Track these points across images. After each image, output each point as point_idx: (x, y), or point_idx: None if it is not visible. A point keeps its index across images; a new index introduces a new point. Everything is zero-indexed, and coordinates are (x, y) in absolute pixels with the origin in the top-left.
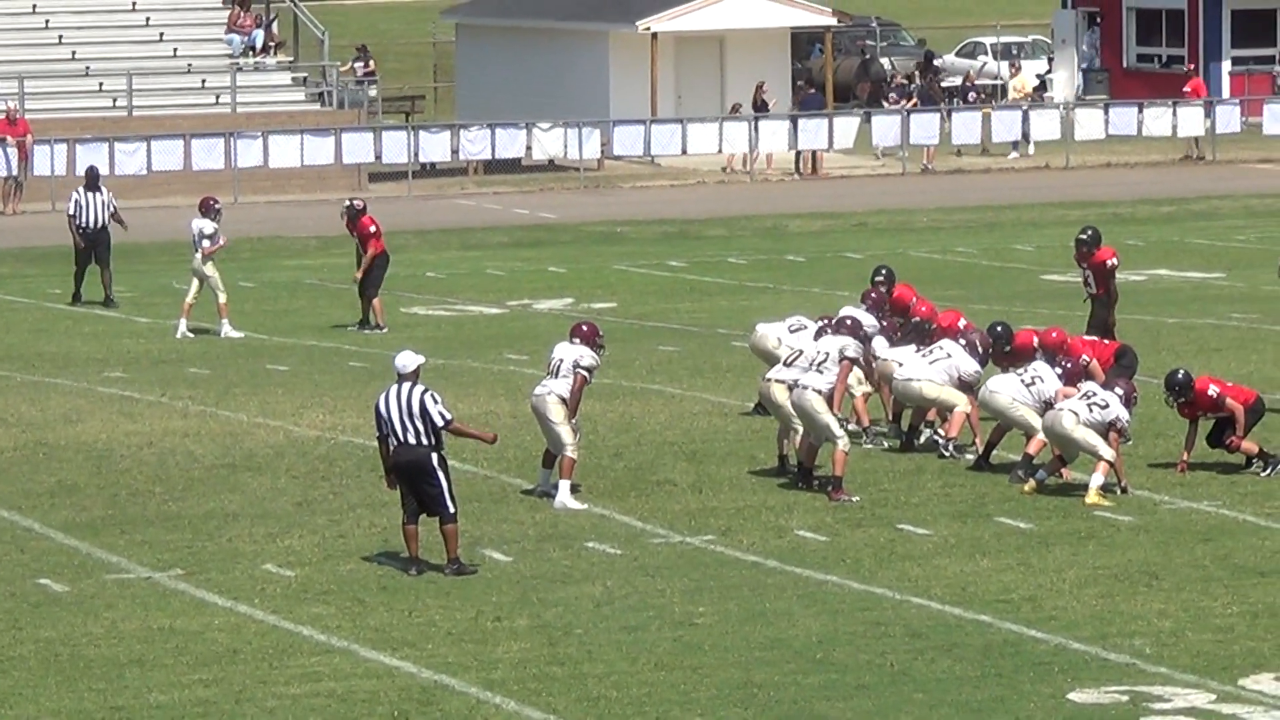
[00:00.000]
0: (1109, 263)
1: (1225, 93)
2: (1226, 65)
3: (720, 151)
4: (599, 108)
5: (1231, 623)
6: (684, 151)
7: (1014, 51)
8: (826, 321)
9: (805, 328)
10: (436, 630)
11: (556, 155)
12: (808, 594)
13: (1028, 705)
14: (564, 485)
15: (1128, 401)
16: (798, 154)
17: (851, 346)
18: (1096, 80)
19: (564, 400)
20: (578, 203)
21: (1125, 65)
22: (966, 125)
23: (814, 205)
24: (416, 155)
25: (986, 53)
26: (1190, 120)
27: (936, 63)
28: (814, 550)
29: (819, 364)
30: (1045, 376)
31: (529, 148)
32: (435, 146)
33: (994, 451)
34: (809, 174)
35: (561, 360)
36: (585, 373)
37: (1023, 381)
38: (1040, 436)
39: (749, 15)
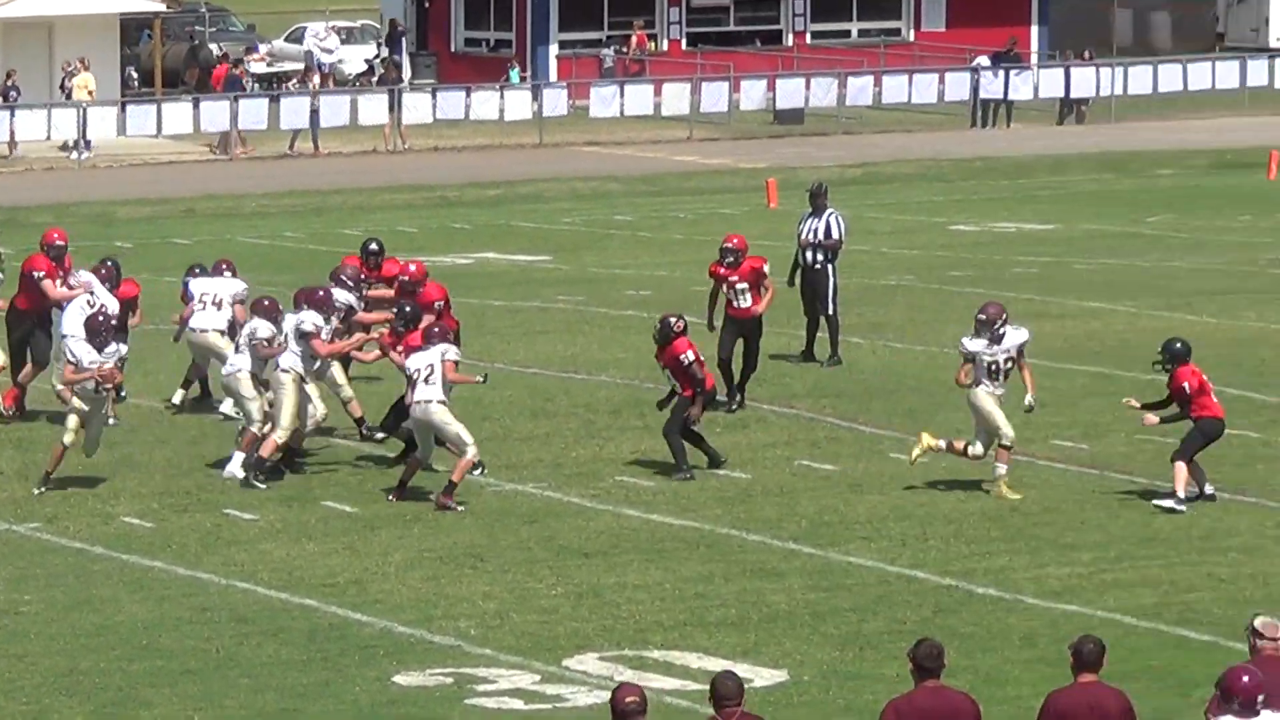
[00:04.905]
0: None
1: (553, 76)
2: (554, 49)
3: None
4: None
5: (556, 604)
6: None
7: (343, 37)
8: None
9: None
10: None
11: None
12: (134, 580)
13: (353, 689)
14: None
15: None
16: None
17: (262, 328)
18: (425, 64)
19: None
20: None
21: (453, 49)
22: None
23: (142, 191)
24: None
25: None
26: (517, 103)
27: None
28: (140, 536)
29: (426, 376)
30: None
31: None
32: None
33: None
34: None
35: None
36: None
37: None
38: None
39: (77, 1)
